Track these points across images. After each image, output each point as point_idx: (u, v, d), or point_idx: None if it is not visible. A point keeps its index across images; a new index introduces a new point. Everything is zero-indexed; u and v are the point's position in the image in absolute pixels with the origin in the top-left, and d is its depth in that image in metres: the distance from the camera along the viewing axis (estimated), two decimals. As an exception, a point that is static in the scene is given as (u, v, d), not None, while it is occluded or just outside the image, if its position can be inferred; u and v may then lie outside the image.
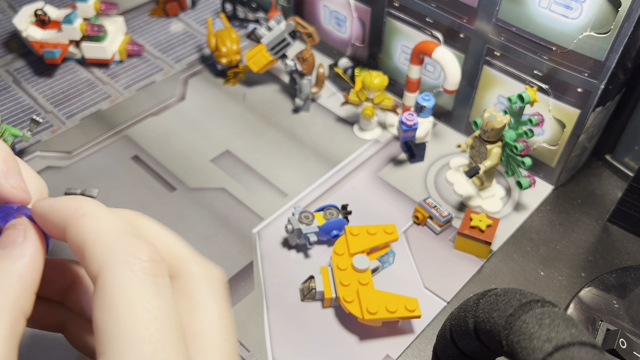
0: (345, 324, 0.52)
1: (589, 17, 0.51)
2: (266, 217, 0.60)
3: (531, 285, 0.55)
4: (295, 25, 0.69)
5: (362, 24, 0.72)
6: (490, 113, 0.55)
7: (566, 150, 0.60)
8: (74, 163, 0.65)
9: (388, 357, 0.50)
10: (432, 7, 0.63)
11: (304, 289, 0.53)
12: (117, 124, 0.69)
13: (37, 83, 0.75)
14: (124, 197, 0.62)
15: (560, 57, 0.55)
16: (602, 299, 0.50)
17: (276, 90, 0.75)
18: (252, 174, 0.64)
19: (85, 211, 0.24)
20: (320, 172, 0.65)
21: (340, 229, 0.56)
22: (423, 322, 0.52)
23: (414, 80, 0.65)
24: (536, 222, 0.60)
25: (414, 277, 0.55)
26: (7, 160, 0.27)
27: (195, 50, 0.80)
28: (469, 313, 0.35)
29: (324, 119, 0.71)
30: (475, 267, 0.56)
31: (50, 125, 0.69)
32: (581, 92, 0.55)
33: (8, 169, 0.27)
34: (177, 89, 0.74)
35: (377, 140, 0.68)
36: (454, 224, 0.60)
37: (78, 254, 0.23)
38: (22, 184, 0.27)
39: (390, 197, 0.62)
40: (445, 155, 0.67)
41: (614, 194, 0.64)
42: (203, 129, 0.69)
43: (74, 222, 0.24)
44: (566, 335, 0.29)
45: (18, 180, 0.27)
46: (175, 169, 0.65)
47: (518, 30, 0.57)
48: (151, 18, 0.85)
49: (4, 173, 0.26)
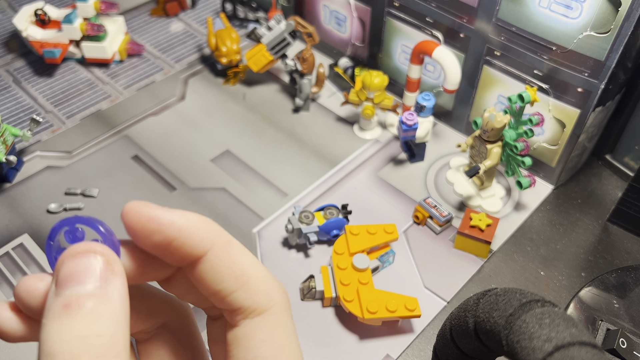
0: (345, 323, 0.52)
1: (589, 17, 0.51)
2: (266, 217, 0.60)
3: (531, 285, 0.55)
4: (295, 25, 0.69)
5: (362, 24, 0.72)
6: (491, 113, 0.55)
7: (566, 150, 0.60)
8: (74, 163, 0.65)
9: (388, 357, 0.50)
10: (432, 6, 0.63)
11: (304, 289, 0.53)
12: (117, 124, 0.70)
13: (37, 83, 0.75)
14: (124, 197, 0.62)
15: (561, 57, 0.55)
16: (602, 299, 0.50)
17: (276, 90, 0.75)
18: (252, 173, 0.64)
19: (230, 238, 0.22)
20: (320, 172, 0.65)
21: (340, 228, 0.56)
22: (423, 322, 0.52)
23: (414, 80, 0.65)
24: (536, 222, 0.60)
25: (414, 276, 0.55)
26: None
27: (195, 50, 0.80)
28: (469, 313, 0.35)
29: (324, 119, 0.71)
30: (475, 267, 0.56)
31: (50, 125, 0.69)
32: (581, 92, 0.55)
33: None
34: (177, 88, 0.74)
35: (377, 140, 0.68)
36: (454, 224, 0.60)
37: (228, 282, 0.22)
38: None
39: (390, 196, 0.62)
40: (445, 155, 0.67)
41: (614, 194, 0.64)
42: (203, 128, 0.69)
43: (226, 249, 0.22)
44: (566, 335, 0.29)
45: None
46: (175, 169, 0.65)
47: (518, 30, 0.57)
48: (151, 18, 0.85)
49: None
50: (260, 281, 0.22)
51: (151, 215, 0.21)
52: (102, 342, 0.19)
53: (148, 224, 0.21)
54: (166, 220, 0.21)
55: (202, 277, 0.22)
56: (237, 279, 0.22)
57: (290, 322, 0.23)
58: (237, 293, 0.22)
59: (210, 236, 0.22)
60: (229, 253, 0.22)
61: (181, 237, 0.21)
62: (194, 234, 0.21)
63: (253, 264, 0.23)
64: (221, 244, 0.22)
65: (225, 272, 0.22)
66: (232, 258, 0.22)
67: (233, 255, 0.22)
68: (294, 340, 0.23)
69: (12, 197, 0.62)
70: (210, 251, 0.22)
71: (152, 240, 0.21)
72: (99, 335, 0.19)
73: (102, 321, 0.19)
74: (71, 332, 0.19)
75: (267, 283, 0.22)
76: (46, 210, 0.60)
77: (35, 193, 0.62)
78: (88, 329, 0.19)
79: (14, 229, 0.58)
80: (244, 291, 0.22)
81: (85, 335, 0.19)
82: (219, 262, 0.22)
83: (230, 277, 0.22)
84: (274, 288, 0.23)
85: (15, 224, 0.59)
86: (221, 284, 0.22)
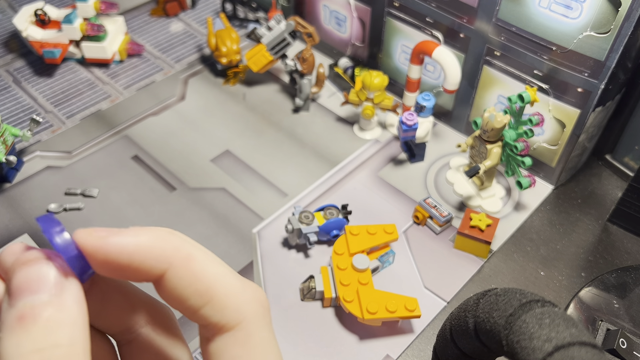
0: (345, 323, 0.52)
1: (589, 17, 0.51)
2: (266, 217, 0.60)
3: (531, 285, 0.55)
4: (295, 25, 0.69)
5: (362, 24, 0.72)
6: (491, 113, 0.55)
7: (566, 150, 0.60)
8: (74, 163, 0.65)
9: (388, 357, 0.50)
10: (432, 7, 0.63)
11: (303, 289, 0.53)
12: (117, 124, 0.70)
13: (37, 83, 0.75)
14: (124, 197, 0.62)
15: (560, 57, 0.55)
16: (602, 299, 0.50)
17: (276, 90, 0.75)
18: (252, 173, 0.64)
19: (190, 252, 0.21)
20: (320, 172, 0.65)
21: (340, 228, 0.56)
22: (423, 322, 0.52)
23: (414, 80, 0.65)
24: (536, 222, 0.60)
25: (414, 277, 0.55)
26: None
27: (195, 50, 0.80)
28: (469, 313, 0.35)
29: (324, 119, 0.71)
30: (475, 267, 0.56)
31: (50, 125, 0.69)
32: (581, 92, 0.55)
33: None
34: (177, 88, 0.74)
35: (377, 140, 0.68)
36: (454, 224, 0.60)
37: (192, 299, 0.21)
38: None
39: (390, 197, 0.62)
40: (445, 155, 0.67)
41: (614, 194, 0.64)
42: (203, 129, 0.69)
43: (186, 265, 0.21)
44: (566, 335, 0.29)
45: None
46: (175, 169, 0.65)
47: (518, 30, 0.57)
48: (151, 18, 0.85)
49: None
50: (226, 295, 0.21)
51: (97, 246, 0.20)
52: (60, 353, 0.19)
53: (97, 255, 0.20)
54: (115, 248, 0.20)
55: (167, 295, 0.21)
56: (202, 296, 0.21)
57: (266, 331, 0.22)
58: (204, 310, 0.21)
59: (165, 254, 0.21)
60: (190, 269, 0.21)
61: (134, 262, 0.20)
62: (148, 255, 0.20)
63: (219, 277, 0.21)
64: (180, 261, 0.21)
65: (189, 290, 0.21)
66: (194, 274, 0.21)
67: (195, 271, 0.21)
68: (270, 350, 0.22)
69: (12, 197, 0.62)
70: (169, 270, 0.21)
71: (106, 269, 0.20)
72: (56, 346, 0.19)
73: (59, 330, 0.19)
74: (28, 345, 0.18)
75: (234, 296, 0.21)
76: (46, 210, 0.60)
77: (35, 193, 0.62)
78: (45, 341, 0.18)
79: (14, 229, 0.58)
80: (211, 308, 0.21)
81: (42, 347, 0.18)
82: (180, 279, 0.21)
83: (194, 294, 0.21)
84: (244, 300, 0.22)
85: (15, 224, 0.59)
86: (187, 302, 0.21)
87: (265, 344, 0.22)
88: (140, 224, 0.59)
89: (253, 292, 0.22)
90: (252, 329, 0.22)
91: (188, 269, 0.21)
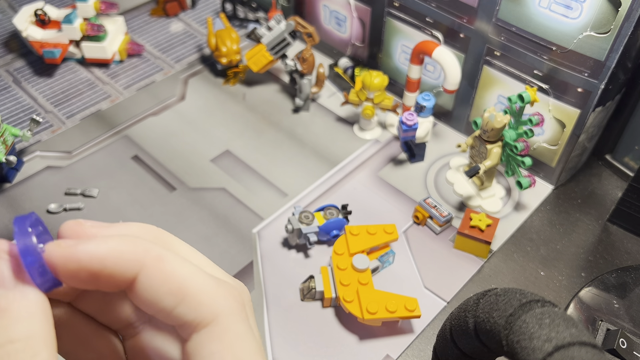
0: (345, 323, 0.52)
1: (589, 17, 0.51)
2: (266, 217, 0.60)
3: (531, 285, 0.55)
4: (295, 25, 0.69)
5: (362, 24, 0.72)
6: (491, 113, 0.55)
7: (566, 150, 0.60)
8: (74, 163, 0.65)
9: (388, 357, 0.50)
10: (432, 7, 0.63)
11: (303, 289, 0.53)
12: (117, 124, 0.70)
13: (37, 83, 0.75)
14: (124, 197, 0.62)
15: (560, 57, 0.55)
16: (602, 299, 0.50)
17: (276, 90, 0.75)
18: (252, 174, 0.64)
19: (159, 253, 0.21)
20: (320, 172, 0.65)
21: (340, 228, 0.56)
22: (423, 322, 0.52)
23: (414, 80, 0.65)
24: (536, 222, 0.60)
25: (414, 277, 0.55)
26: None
27: (195, 50, 0.80)
28: (469, 313, 0.35)
29: (324, 119, 0.71)
30: (475, 267, 0.56)
31: (50, 125, 0.69)
32: (581, 92, 0.55)
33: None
34: (177, 89, 0.74)
35: (377, 140, 0.68)
36: (454, 224, 0.60)
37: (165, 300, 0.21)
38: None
39: (390, 197, 0.62)
40: (445, 155, 0.67)
41: (614, 194, 0.64)
42: (203, 129, 0.69)
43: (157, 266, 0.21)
44: (566, 335, 0.29)
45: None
46: (175, 169, 0.65)
47: (518, 30, 0.57)
48: (151, 18, 0.85)
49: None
50: (199, 292, 0.21)
51: (67, 256, 0.20)
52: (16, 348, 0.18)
53: (67, 265, 0.20)
54: (86, 255, 0.20)
55: (141, 299, 0.21)
56: (175, 295, 0.21)
57: (243, 325, 0.22)
58: (178, 309, 0.21)
59: (137, 257, 0.21)
60: (162, 269, 0.21)
61: (106, 267, 0.20)
62: (119, 259, 0.20)
63: (191, 275, 0.21)
64: (151, 262, 0.21)
65: (161, 290, 0.21)
66: (165, 274, 0.21)
67: (167, 270, 0.21)
68: (249, 344, 0.22)
69: (12, 197, 0.62)
70: (141, 272, 0.21)
71: (80, 280, 0.20)
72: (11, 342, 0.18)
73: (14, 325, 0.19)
74: None
75: (207, 293, 0.21)
76: (46, 210, 0.60)
77: (35, 193, 0.62)
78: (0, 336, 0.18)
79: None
80: (185, 306, 0.21)
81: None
82: (152, 280, 0.21)
83: (167, 294, 0.21)
84: (218, 296, 0.22)
85: (15, 224, 0.59)
86: (160, 303, 0.21)
87: (243, 338, 0.22)
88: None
89: (227, 289, 0.22)
90: (228, 323, 0.21)
91: (159, 269, 0.21)
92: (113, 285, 0.21)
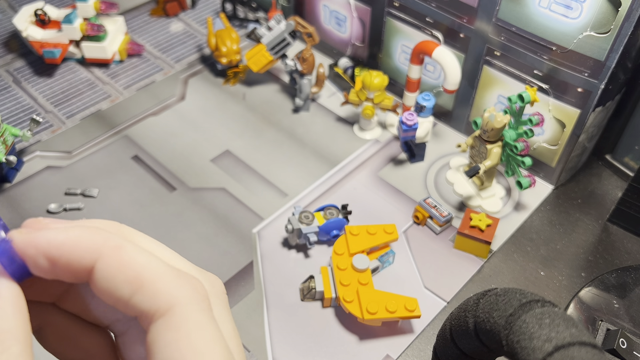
0: (345, 323, 0.52)
1: (589, 17, 0.51)
2: (266, 217, 0.60)
3: (531, 285, 0.55)
4: (295, 25, 0.69)
5: (362, 24, 0.72)
6: (491, 113, 0.55)
7: (566, 150, 0.60)
8: (74, 163, 0.65)
9: (388, 357, 0.50)
10: (432, 7, 0.63)
11: (303, 289, 0.53)
12: (117, 124, 0.69)
13: (37, 83, 0.75)
14: (124, 197, 0.62)
15: (560, 57, 0.55)
16: (602, 299, 0.50)
17: (276, 90, 0.75)
18: (252, 174, 0.64)
19: (118, 243, 0.21)
20: (320, 172, 0.65)
21: (340, 228, 0.56)
22: (423, 322, 0.52)
23: (414, 80, 0.65)
24: (536, 222, 0.60)
25: (414, 277, 0.55)
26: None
27: (195, 50, 0.80)
28: (469, 313, 0.35)
29: (324, 119, 0.71)
30: (475, 267, 0.56)
31: (50, 125, 0.69)
32: (581, 92, 0.55)
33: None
34: (177, 89, 0.74)
35: (377, 140, 0.68)
36: (454, 224, 0.60)
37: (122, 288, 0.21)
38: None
39: (390, 197, 0.62)
40: (445, 155, 0.67)
41: (614, 194, 0.64)
42: (203, 129, 0.69)
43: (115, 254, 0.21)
44: (566, 335, 0.29)
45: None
46: (175, 169, 0.65)
47: (518, 30, 0.57)
48: (151, 18, 0.85)
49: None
50: (156, 281, 0.21)
51: (27, 240, 0.20)
52: None
53: (26, 250, 0.20)
54: (44, 240, 0.20)
55: (99, 288, 0.21)
56: (131, 283, 0.21)
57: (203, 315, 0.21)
58: (134, 298, 0.21)
59: (95, 245, 0.21)
60: (119, 257, 0.21)
61: (64, 254, 0.20)
62: (77, 246, 0.20)
63: (148, 264, 0.21)
64: (109, 251, 0.21)
65: (118, 279, 0.21)
66: (122, 262, 0.21)
67: (124, 259, 0.21)
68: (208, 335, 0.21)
69: (12, 197, 0.62)
70: (99, 260, 0.21)
71: (38, 266, 0.20)
72: None
73: None
74: None
75: (164, 282, 0.21)
76: (46, 210, 0.60)
77: (35, 193, 0.62)
78: None
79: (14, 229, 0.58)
80: (141, 294, 0.21)
81: None
82: (110, 269, 0.21)
83: (123, 282, 0.21)
84: (175, 285, 0.21)
85: (15, 224, 0.59)
86: (117, 292, 0.21)
87: (202, 327, 0.21)
88: (140, 224, 0.59)
89: (186, 278, 0.22)
90: (186, 313, 0.21)
91: (117, 258, 0.21)
92: (72, 273, 0.21)
